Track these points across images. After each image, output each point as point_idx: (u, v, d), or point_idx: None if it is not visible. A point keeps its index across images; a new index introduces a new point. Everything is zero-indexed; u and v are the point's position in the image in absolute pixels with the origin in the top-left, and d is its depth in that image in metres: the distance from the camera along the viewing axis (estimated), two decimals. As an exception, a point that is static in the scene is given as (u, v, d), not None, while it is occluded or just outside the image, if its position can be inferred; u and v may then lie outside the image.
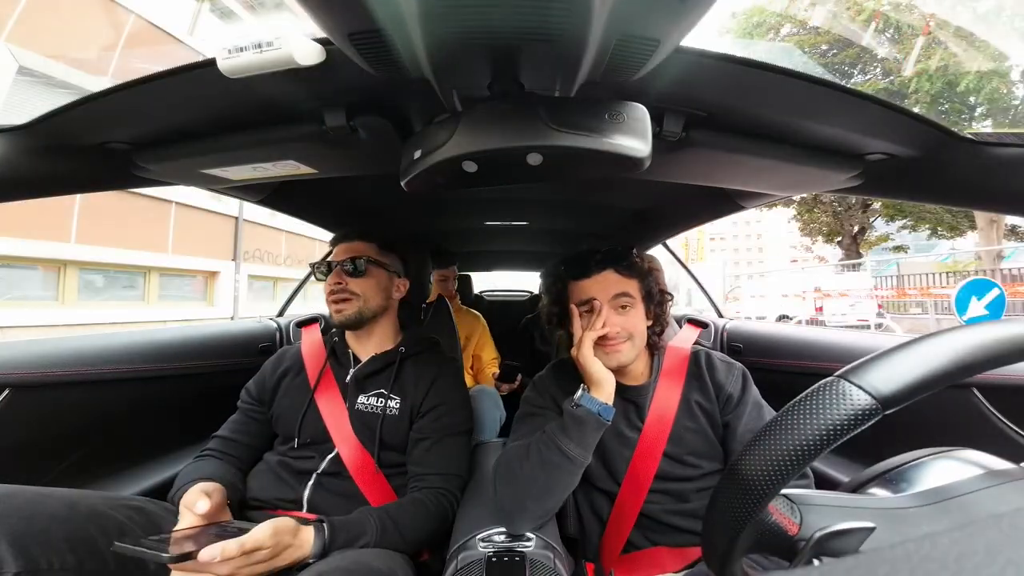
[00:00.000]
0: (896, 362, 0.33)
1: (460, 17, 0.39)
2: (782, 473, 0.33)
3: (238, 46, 0.47)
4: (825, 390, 0.33)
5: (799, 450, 0.32)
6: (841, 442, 0.32)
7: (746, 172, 0.83)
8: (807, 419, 0.33)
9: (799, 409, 0.34)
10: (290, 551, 0.67)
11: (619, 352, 0.82)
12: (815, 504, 0.38)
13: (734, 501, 0.36)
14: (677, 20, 0.40)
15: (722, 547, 0.37)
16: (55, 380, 0.96)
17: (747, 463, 0.35)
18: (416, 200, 1.38)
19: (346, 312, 0.96)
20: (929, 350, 0.33)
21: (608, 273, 0.83)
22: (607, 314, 0.81)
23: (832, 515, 0.36)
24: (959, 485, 0.37)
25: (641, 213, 1.49)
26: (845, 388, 0.32)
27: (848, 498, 0.39)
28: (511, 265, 3.05)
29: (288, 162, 0.77)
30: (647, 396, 0.88)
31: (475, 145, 0.51)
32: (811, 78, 0.56)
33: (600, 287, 0.83)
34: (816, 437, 0.32)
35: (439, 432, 0.94)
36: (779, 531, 0.36)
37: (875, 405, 0.31)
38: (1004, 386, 0.89)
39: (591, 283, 0.83)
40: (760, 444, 0.34)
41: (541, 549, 0.72)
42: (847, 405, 0.32)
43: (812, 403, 0.33)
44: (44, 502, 0.64)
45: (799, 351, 1.30)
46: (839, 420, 0.32)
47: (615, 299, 0.82)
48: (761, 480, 0.33)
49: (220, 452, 0.93)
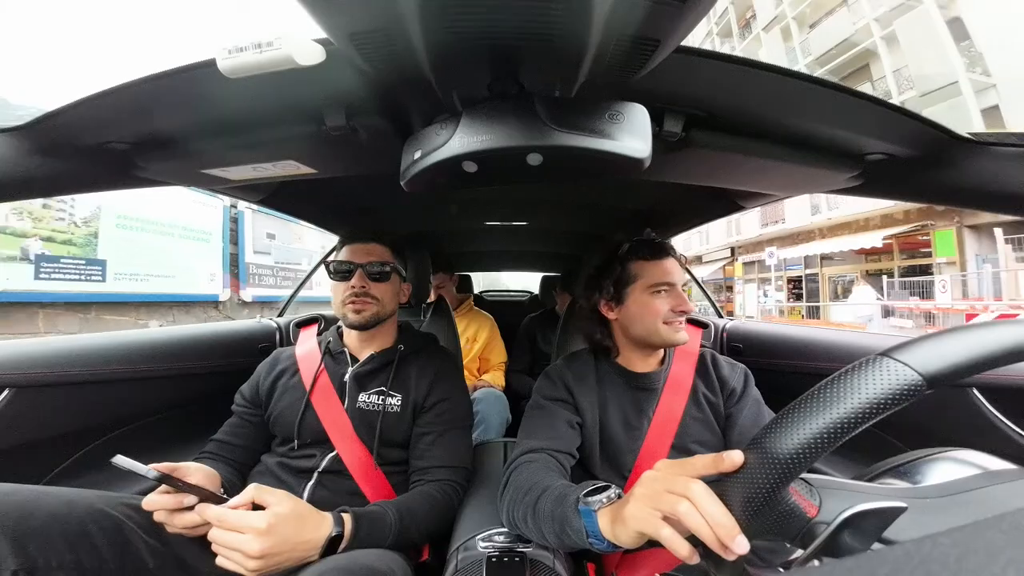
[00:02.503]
0: (942, 344, 0.33)
1: (460, 17, 0.40)
2: (816, 447, 0.32)
3: (238, 46, 0.47)
4: (868, 366, 0.33)
5: (837, 424, 0.32)
6: (880, 419, 0.32)
7: (746, 172, 0.83)
8: (848, 394, 0.32)
9: (838, 384, 0.33)
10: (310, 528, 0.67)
11: (682, 330, 0.88)
12: (834, 488, 0.37)
13: (756, 477, 0.35)
14: (677, 21, 0.40)
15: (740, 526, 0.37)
16: (55, 380, 0.96)
17: (775, 437, 0.34)
18: (416, 200, 1.38)
19: (365, 314, 0.96)
20: (975, 335, 0.33)
21: (673, 261, 0.91)
22: (682, 297, 0.89)
23: (853, 500, 0.35)
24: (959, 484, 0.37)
25: (641, 213, 1.49)
26: (889, 365, 0.32)
27: (868, 486, 0.39)
28: (511, 265, 3.05)
29: (288, 162, 0.77)
30: (658, 383, 0.91)
31: (475, 145, 0.51)
32: (811, 78, 0.56)
33: (676, 270, 0.90)
34: (857, 411, 0.32)
35: (443, 426, 0.95)
36: (798, 512, 0.35)
37: (920, 382, 0.31)
38: (1004, 386, 0.89)
39: (670, 264, 0.89)
40: (791, 418, 0.34)
41: (541, 549, 0.72)
42: (892, 381, 0.32)
43: (854, 379, 0.33)
44: (43, 500, 0.64)
45: (799, 351, 1.30)
46: (883, 395, 0.32)
47: (683, 284, 0.90)
48: (791, 454, 0.33)
49: (217, 455, 0.93)
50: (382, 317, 1.00)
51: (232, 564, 0.62)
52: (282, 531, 0.63)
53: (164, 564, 0.70)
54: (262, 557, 0.61)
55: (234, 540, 0.61)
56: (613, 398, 0.91)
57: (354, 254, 0.99)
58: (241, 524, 0.62)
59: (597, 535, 0.55)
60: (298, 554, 0.65)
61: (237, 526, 0.62)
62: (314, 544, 0.67)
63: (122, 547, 0.67)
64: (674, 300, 0.87)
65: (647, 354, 0.94)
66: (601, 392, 0.92)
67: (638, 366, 0.94)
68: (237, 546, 0.61)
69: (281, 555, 0.63)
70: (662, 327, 0.87)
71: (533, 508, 0.67)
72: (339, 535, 0.70)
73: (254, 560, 0.60)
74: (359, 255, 0.99)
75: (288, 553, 0.64)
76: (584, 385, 0.91)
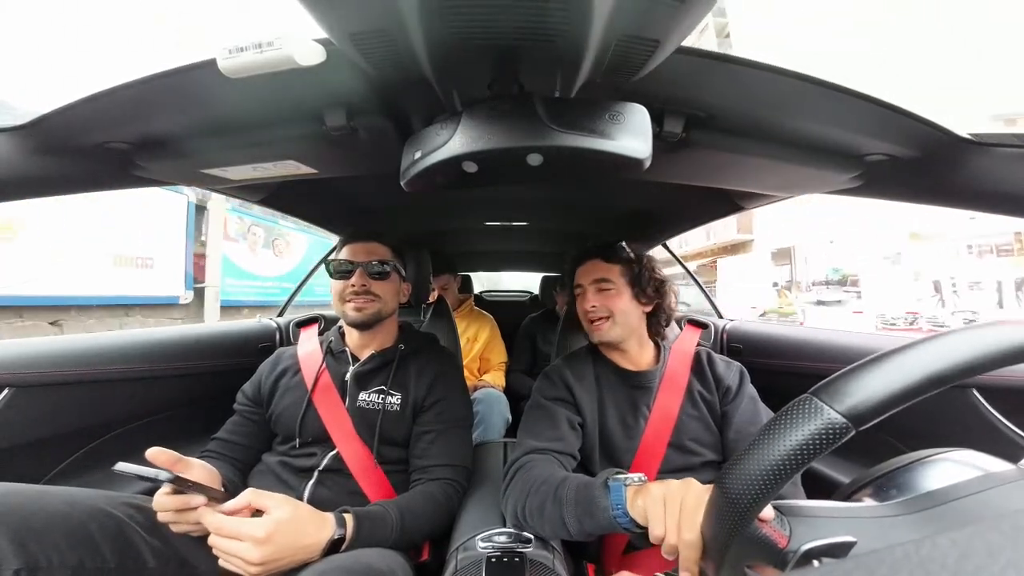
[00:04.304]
0: (867, 378, 0.32)
1: (461, 17, 0.40)
2: (763, 491, 0.32)
3: (238, 46, 0.47)
4: (799, 408, 0.33)
5: (776, 468, 0.32)
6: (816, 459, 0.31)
7: (746, 172, 0.83)
8: (783, 437, 0.32)
9: (776, 427, 0.33)
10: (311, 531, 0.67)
11: (601, 329, 0.93)
12: (804, 516, 0.38)
13: (723, 515, 0.36)
14: (677, 21, 0.40)
15: (717, 558, 0.38)
16: (55, 380, 0.96)
17: (732, 479, 0.35)
18: (416, 200, 1.38)
19: (367, 311, 0.97)
20: (900, 364, 0.32)
21: (595, 260, 0.97)
22: (591, 296, 0.94)
23: (819, 526, 0.36)
24: (953, 489, 0.37)
25: (641, 213, 1.48)
26: (817, 406, 0.32)
27: (836, 508, 0.39)
28: (511, 265, 3.04)
29: (288, 162, 0.77)
30: (654, 381, 0.92)
31: (475, 145, 0.51)
32: (811, 78, 0.56)
33: (587, 272, 0.97)
34: (791, 456, 0.31)
35: (443, 425, 0.95)
36: (769, 544, 0.36)
37: (846, 424, 0.31)
38: (1004, 386, 0.89)
39: (582, 269, 0.98)
40: (743, 460, 0.34)
41: (541, 550, 0.72)
42: (819, 424, 0.31)
43: (787, 421, 0.33)
44: (44, 500, 0.64)
45: (798, 351, 1.30)
46: (812, 440, 0.31)
47: (595, 283, 0.95)
48: (745, 496, 0.33)
49: (219, 453, 0.94)
50: (383, 315, 1.00)
51: (234, 567, 0.62)
52: (281, 539, 0.63)
53: (165, 564, 0.70)
54: (262, 564, 0.61)
55: (234, 548, 0.61)
56: (611, 397, 0.92)
57: (354, 253, 0.99)
58: (240, 532, 0.61)
59: (622, 506, 0.61)
60: (300, 557, 0.65)
61: (236, 534, 0.61)
62: (315, 548, 0.67)
63: (124, 547, 0.67)
64: (585, 301, 0.95)
65: (622, 351, 0.96)
66: (599, 391, 0.93)
67: (631, 364, 0.95)
68: (236, 553, 0.61)
69: (282, 560, 0.63)
70: (585, 325, 0.96)
71: (553, 495, 0.70)
72: (341, 537, 0.70)
73: (255, 567, 0.60)
74: (359, 254, 0.99)
75: (289, 557, 0.64)
76: (583, 384, 0.92)
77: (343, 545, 0.70)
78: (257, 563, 0.60)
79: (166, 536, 0.71)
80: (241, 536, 0.61)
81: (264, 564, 0.61)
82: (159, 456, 0.65)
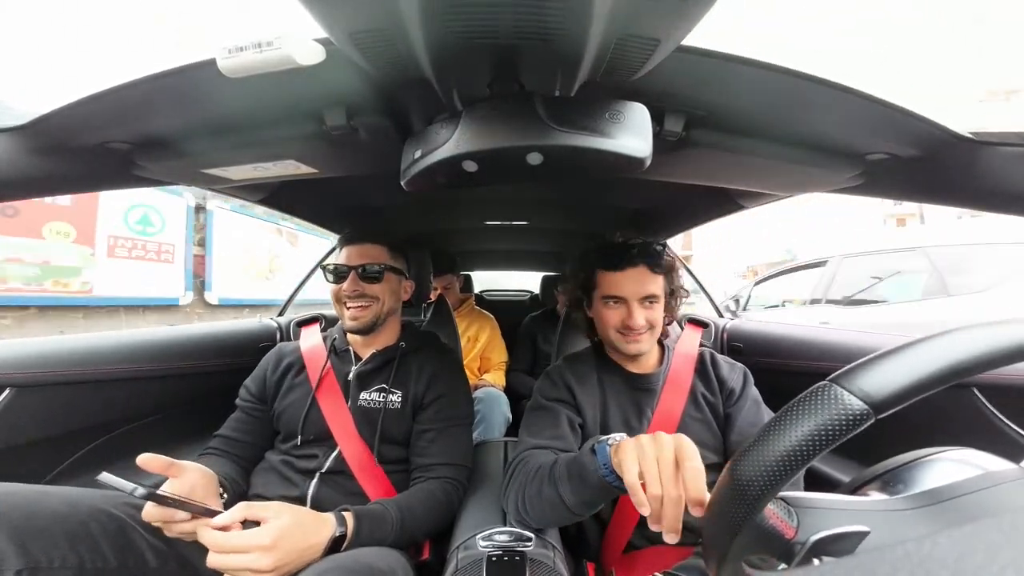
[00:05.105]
0: (888, 366, 0.32)
1: (461, 17, 0.39)
2: (775, 478, 0.32)
3: (238, 46, 0.47)
4: (817, 395, 0.33)
5: (791, 455, 0.32)
6: (834, 447, 0.32)
7: (746, 172, 0.83)
8: (799, 424, 0.32)
9: (792, 414, 0.33)
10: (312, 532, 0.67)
11: (639, 343, 0.86)
12: (812, 507, 0.37)
13: (731, 504, 0.35)
14: (677, 20, 0.40)
15: (720, 549, 0.37)
16: (55, 380, 0.96)
17: (743, 467, 0.34)
18: (416, 200, 1.38)
19: (363, 319, 0.97)
20: (922, 353, 0.32)
21: (641, 269, 0.86)
22: (637, 311, 0.84)
23: (828, 518, 0.36)
24: (956, 486, 0.37)
25: (641, 213, 1.48)
26: (837, 393, 0.32)
27: (845, 500, 0.39)
28: (511, 265, 3.04)
29: (288, 162, 0.77)
30: (657, 383, 0.91)
31: (475, 145, 0.51)
32: (812, 77, 0.56)
33: (632, 282, 0.85)
34: (807, 443, 0.32)
35: (443, 423, 0.95)
36: (776, 534, 0.36)
37: (867, 410, 0.31)
38: (1004, 386, 0.89)
39: (623, 277, 0.86)
40: (755, 448, 0.34)
41: (541, 548, 0.72)
42: (839, 410, 0.31)
43: (804, 408, 0.33)
44: (45, 500, 0.64)
45: (799, 351, 1.30)
46: (831, 426, 0.31)
47: (644, 299, 0.86)
48: (756, 484, 0.33)
49: (222, 451, 0.94)
50: (381, 319, 1.00)
51: None
52: (287, 543, 0.62)
53: (166, 564, 0.71)
54: (275, 570, 0.60)
55: (243, 561, 0.59)
56: (614, 398, 0.91)
57: (349, 256, 0.99)
58: (244, 545, 0.60)
59: (608, 464, 0.61)
60: (305, 559, 0.65)
61: (240, 547, 0.60)
62: (318, 547, 0.67)
63: (125, 547, 0.67)
64: (623, 314, 0.86)
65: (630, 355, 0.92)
66: (602, 393, 0.92)
67: (636, 366, 0.93)
68: (247, 566, 0.59)
69: (291, 564, 0.63)
70: (615, 336, 0.88)
71: (549, 476, 0.70)
72: (342, 536, 0.70)
73: (268, 575, 0.60)
74: (353, 257, 0.99)
75: (296, 561, 0.64)
76: (585, 386, 0.91)
77: (344, 543, 0.70)
78: (270, 569, 0.59)
79: (167, 537, 0.71)
80: (248, 548, 0.60)
81: (276, 570, 0.60)
82: (151, 462, 0.63)
